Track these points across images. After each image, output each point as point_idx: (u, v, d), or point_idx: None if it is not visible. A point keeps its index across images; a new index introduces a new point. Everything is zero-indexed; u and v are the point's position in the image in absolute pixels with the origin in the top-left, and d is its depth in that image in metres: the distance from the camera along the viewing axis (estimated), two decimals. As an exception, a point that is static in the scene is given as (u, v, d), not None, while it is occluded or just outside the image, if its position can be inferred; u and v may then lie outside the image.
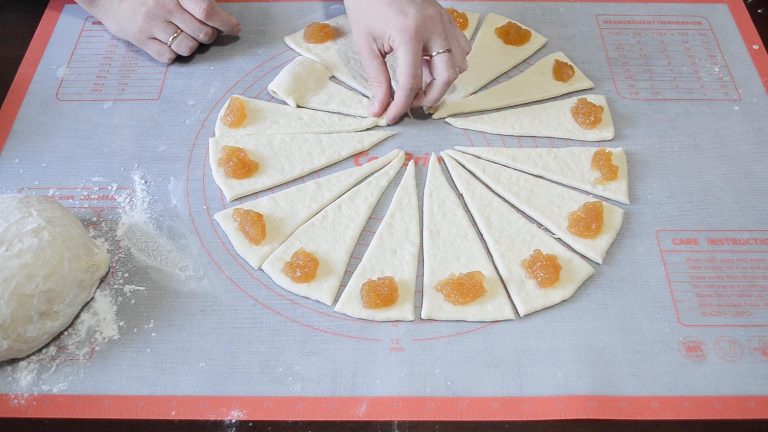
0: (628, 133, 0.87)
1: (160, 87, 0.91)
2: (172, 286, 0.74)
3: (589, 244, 0.76)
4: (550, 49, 0.97)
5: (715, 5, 1.02)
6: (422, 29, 0.79)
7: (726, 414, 0.66)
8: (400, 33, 0.78)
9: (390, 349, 0.70)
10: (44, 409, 0.66)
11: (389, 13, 0.79)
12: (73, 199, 0.80)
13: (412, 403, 0.66)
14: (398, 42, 0.79)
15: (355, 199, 0.80)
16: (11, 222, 0.68)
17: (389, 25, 0.79)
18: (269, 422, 0.65)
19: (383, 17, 0.80)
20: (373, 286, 0.71)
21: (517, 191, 0.81)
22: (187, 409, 0.66)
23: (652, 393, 0.67)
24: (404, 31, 0.78)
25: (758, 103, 0.90)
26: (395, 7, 0.79)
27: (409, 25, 0.78)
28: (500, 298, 0.72)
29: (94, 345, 0.70)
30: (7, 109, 0.88)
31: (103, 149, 0.85)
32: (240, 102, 0.86)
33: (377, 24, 0.81)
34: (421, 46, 0.80)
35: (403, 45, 0.79)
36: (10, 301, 0.64)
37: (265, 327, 0.71)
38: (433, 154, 0.85)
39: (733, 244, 0.77)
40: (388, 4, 0.80)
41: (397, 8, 0.79)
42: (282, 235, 0.77)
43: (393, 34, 0.79)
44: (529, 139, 0.87)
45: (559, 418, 0.66)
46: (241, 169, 0.81)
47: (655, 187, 0.82)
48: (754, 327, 0.71)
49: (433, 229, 0.77)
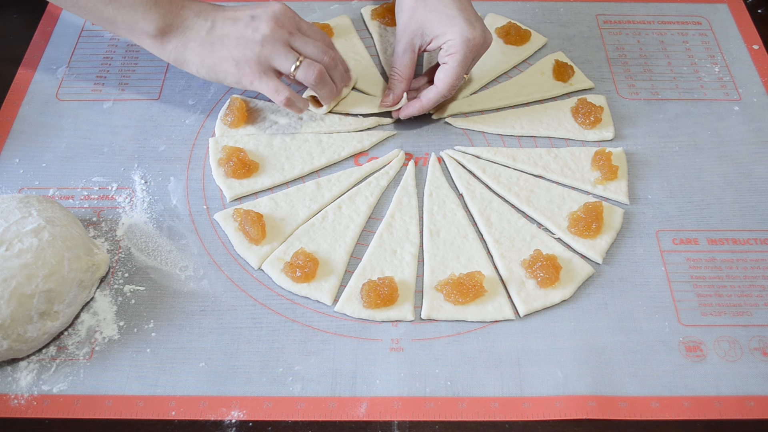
0: (628, 133, 0.87)
1: (160, 87, 0.91)
2: (172, 286, 0.74)
3: (589, 244, 0.76)
4: (550, 49, 0.97)
5: (715, 5, 1.02)
6: (479, 48, 0.78)
7: (726, 414, 0.66)
8: (463, 42, 0.76)
9: (390, 349, 0.70)
10: (44, 409, 0.66)
11: (457, 18, 0.77)
12: (73, 199, 0.80)
13: (412, 403, 0.66)
14: (457, 49, 0.77)
15: (355, 199, 0.80)
16: (11, 222, 0.68)
17: (455, 29, 0.77)
18: (269, 422, 0.65)
19: (449, 19, 0.77)
20: (373, 286, 0.71)
21: (517, 191, 0.81)
22: (187, 409, 0.66)
23: (652, 393, 0.67)
24: (467, 42, 0.76)
25: (758, 103, 0.90)
26: (465, 15, 0.77)
27: (474, 38, 0.76)
28: (500, 298, 0.72)
29: (94, 345, 0.70)
30: (7, 109, 0.88)
31: (103, 149, 0.85)
32: (240, 102, 0.86)
33: (437, 22, 0.78)
34: (470, 61, 0.79)
35: (460, 54, 0.77)
36: (10, 301, 0.64)
37: (265, 327, 0.71)
38: (433, 154, 0.85)
39: (733, 244, 0.77)
40: (459, 9, 0.77)
41: (467, 17, 0.77)
42: (282, 235, 0.77)
43: (455, 39, 0.77)
44: (529, 139, 0.87)
45: (559, 418, 0.66)
46: (241, 169, 0.81)
47: (655, 187, 0.82)
48: (754, 327, 0.71)
49: (433, 229, 0.77)
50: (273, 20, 0.74)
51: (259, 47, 0.73)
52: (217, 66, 0.75)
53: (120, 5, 0.73)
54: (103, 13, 0.74)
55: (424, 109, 0.84)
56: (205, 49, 0.74)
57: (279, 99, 0.77)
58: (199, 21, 0.74)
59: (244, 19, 0.75)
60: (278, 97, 0.77)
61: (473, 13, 0.79)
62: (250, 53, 0.74)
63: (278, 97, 0.77)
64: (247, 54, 0.74)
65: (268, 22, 0.74)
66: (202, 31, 0.74)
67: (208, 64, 0.75)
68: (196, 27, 0.74)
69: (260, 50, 0.73)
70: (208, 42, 0.74)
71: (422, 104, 0.83)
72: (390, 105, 0.86)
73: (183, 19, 0.74)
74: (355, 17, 1.00)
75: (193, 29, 0.74)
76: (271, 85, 0.76)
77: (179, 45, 0.75)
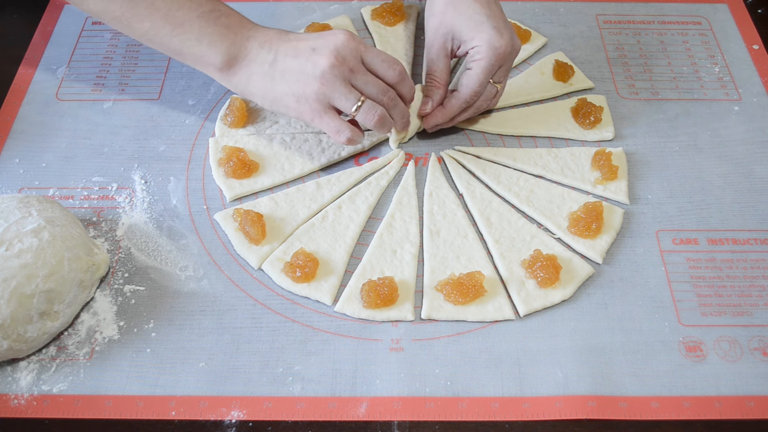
0: (628, 133, 0.87)
1: (160, 87, 0.91)
2: (172, 286, 0.74)
3: (589, 244, 0.76)
4: (550, 49, 0.97)
5: (715, 5, 1.02)
6: (506, 56, 0.77)
7: (726, 414, 0.66)
8: (489, 48, 0.75)
9: (390, 349, 0.70)
10: (44, 409, 0.66)
11: (485, 24, 0.76)
12: (73, 199, 0.80)
13: (412, 403, 0.66)
14: (483, 55, 0.76)
15: (355, 199, 0.80)
16: (11, 222, 0.68)
17: (482, 35, 0.76)
18: (269, 422, 0.65)
19: (477, 24, 0.76)
20: (373, 286, 0.71)
21: (517, 191, 0.81)
22: (187, 409, 0.66)
23: (652, 393, 0.67)
24: (494, 49, 0.75)
25: (758, 103, 0.90)
26: (493, 22, 0.76)
27: (501, 46, 0.75)
28: (500, 298, 0.72)
29: (94, 345, 0.70)
30: (7, 109, 0.88)
31: (103, 149, 0.85)
32: (240, 102, 0.86)
33: (466, 27, 0.77)
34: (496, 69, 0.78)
35: (485, 61, 0.76)
36: (10, 301, 0.64)
37: (265, 327, 0.71)
38: (433, 154, 0.85)
39: (733, 244, 0.77)
40: (488, 15, 0.76)
41: (495, 23, 0.76)
42: (282, 235, 0.77)
43: (482, 45, 0.76)
44: (529, 139, 0.87)
45: (559, 418, 0.66)
46: (241, 169, 0.81)
47: (655, 187, 0.82)
48: (754, 327, 0.71)
49: (433, 229, 0.77)
50: (333, 55, 0.69)
51: (318, 84, 0.70)
52: (279, 100, 0.73)
53: (185, 38, 0.72)
54: (170, 45, 0.73)
55: (447, 116, 0.82)
56: (267, 84, 0.72)
57: (340, 140, 0.74)
58: (263, 53, 0.72)
59: (305, 52, 0.71)
60: (339, 137, 0.74)
61: (502, 20, 0.78)
62: (309, 90, 0.70)
63: (339, 138, 0.74)
64: (306, 91, 0.70)
65: (329, 56, 0.69)
66: (265, 64, 0.72)
67: (271, 98, 0.73)
68: (259, 60, 0.72)
69: (319, 87, 0.70)
70: (269, 76, 0.72)
71: (445, 112, 0.81)
72: (429, 112, 0.82)
73: (247, 51, 0.72)
74: (355, 17, 1.00)
75: (257, 62, 0.72)
76: (332, 125, 0.73)
77: (244, 77, 0.73)
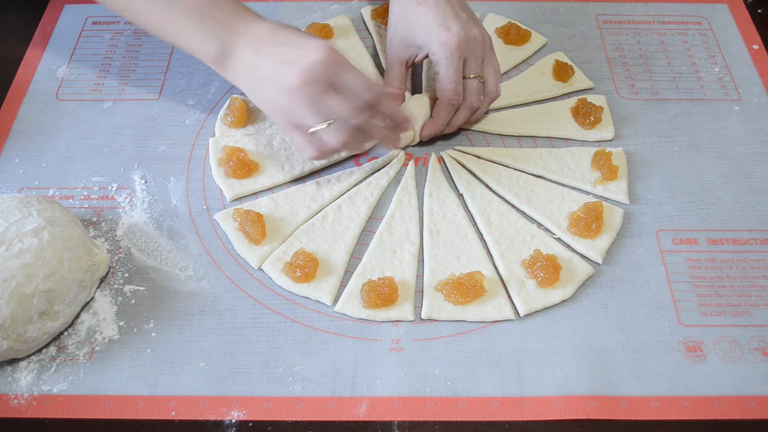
0: (628, 133, 0.87)
1: (160, 87, 0.91)
2: (172, 286, 0.74)
3: (589, 244, 0.76)
4: (550, 49, 0.97)
5: (715, 5, 1.02)
6: (463, 47, 0.76)
7: (726, 414, 0.66)
8: (441, 47, 0.76)
9: (390, 349, 0.70)
10: (44, 409, 0.66)
11: (432, 26, 0.77)
12: (73, 199, 0.80)
13: (412, 403, 0.66)
14: (439, 56, 0.77)
15: (355, 199, 0.80)
16: (11, 222, 0.68)
17: (431, 37, 0.77)
18: (269, 422, 0.65)
19: (425, 28, 0.77)
20: (373, 286, 0.71)
21: (517, 191, 0.81)
22: (187, 409, 0.66)
23: (652, 393, 0.67)
24: (445, 45, 0.76)
25: (758, 103, 0.90)
26: (440, 20, 0.77)
27: (450, 41, 0.76)
28: (500, 298, 0.72)
29: (94, 345, 0.70)
30: (7, 109, 0.88)
31: (103, 149, 0.85)
32: (240, 102, 0.86)
33: (418, 34, 0.79)
34: (461, 63, 0.77)
35: (444, 60, 0.76)
36: (10, 301, 0.64)
37: (265, 327, 0.71)
38: (433, 154, 0.85)
39: (733, 244, 0.77)
40: (434, 16, 0.77)
41: (442, 21, 0.77)
42: (282, 235, 0.77)
43: (434, 47, 0.77)
44: (529, 139, 0.87)
45: (559, 418, 0.66)
46: (241, 169, 0.81)
47: (655, 187, 0.82)
48: (754, 327, 0.71)
49: (433, 229, 0.77)
50: (306, 73, 0.66)
51: (285, 100, 0.68)
52: (260, 104, 0.73)
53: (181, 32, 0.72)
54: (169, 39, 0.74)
55: (438, 125, 0.82)
56: (250, 86, 0.72)
57: (304, 156, 0.74)
58: (249, 56, 0.70)
59: (283, 61, 0.68)
60: (303, 153, 0.73)
61: (452, 15, 0.77)
62: (278, 103, 0.70)
63: (303, 154, 0.74)
64: (276, 103, 0.70)
65: (300, 74, 0.66)
66: (249, 67, 0.70)
67: (254, 100, 0.74)
68: (245, 62, 0.70)
69: (286, 104, 0.69)
70: (251, 79, 0.71)
71: (436, 121, 0.82)
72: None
73: (235, 52, 0.71)
74: (355, 17, 1.00)
75: (243, 63, 0.71)
76: (297, 141, 0.72)
77: (230, 76, 0.74)
